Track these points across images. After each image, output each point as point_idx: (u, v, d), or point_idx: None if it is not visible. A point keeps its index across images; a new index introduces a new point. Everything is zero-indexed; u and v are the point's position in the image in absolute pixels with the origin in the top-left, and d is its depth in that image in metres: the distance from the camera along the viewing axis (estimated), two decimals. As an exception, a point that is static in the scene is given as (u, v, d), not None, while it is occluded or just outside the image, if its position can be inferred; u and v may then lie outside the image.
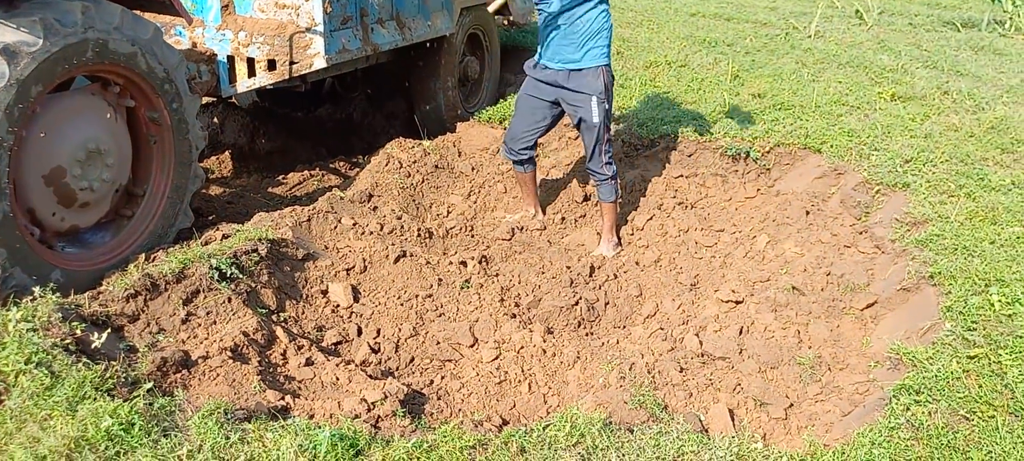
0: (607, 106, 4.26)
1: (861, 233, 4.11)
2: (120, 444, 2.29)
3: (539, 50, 4.34)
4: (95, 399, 2.47)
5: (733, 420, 2.78)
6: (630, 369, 3.10)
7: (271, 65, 4.45)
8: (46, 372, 2.57)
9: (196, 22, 4.51)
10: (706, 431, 2.72)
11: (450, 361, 3.49)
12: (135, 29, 3.40)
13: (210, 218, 4.55)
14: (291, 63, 4.42)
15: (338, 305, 3.79)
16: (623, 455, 2.39)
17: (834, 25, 8.48)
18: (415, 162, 5.06)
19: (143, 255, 3.58)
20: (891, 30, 8.33)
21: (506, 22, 6.84)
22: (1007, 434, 2.43)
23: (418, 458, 2.33)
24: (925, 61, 6.93)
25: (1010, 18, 8.54)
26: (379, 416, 2.74)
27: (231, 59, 4.51)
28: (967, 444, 2.41)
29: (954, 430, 2.48)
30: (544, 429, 2.49)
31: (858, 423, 2.67)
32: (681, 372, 3.11)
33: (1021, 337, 2.89)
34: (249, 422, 2.47)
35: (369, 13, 4.75)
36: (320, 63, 4.42)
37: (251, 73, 4.52)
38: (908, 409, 2.56)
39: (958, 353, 2.86)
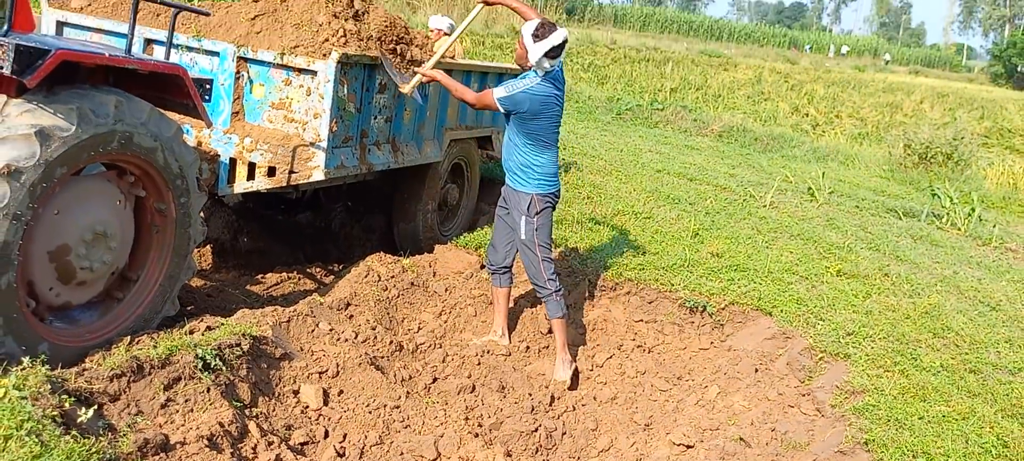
0: (536, 226, 4.69)
1: (804, 395, 4.43)
2: (107, 517, 2.39)
3: None
4: (82, 471, 2.58)
5: (680, 558, 2.97)
6: (587, 499, 3.29)
7: (271, 172, 4.72)
8: (36, 441, 2.67)
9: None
10: None
11: (414, 474, 3.63)
12: (159, 126, 3.67)
13: (189, 309, 4.68)
14: (291, 172, 4.69)
15: (308, 406, 3.93)
16: None
17: (788, 198, 9.11)
18: (392, 277, 5.29)
19: (127, 339, 3.70)
20: (839, 210, 8.98)
21: (487, 155, 7.26)
22: None
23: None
24: (869, 243, 7.49)
25: (947, 213, 9.27)
26: (349, 518, 2.86)
27: (233, 161, 4.77)
28: None
29: None
30: (508, 546, 2.65)
31: None
32: (634, 507, 3.31)
33: (942, 507, 3.16)
34: (229, 510, 2.59)
35: (369, 135, 5.09)
36: (318, 176, 4.70)
37: (250, 176, 4.78)
38: (840, 562, 2.79)
39: (887, 516, 3.12)
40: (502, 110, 4.57)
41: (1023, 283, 6.90)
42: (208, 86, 3.96)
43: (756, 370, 4.68)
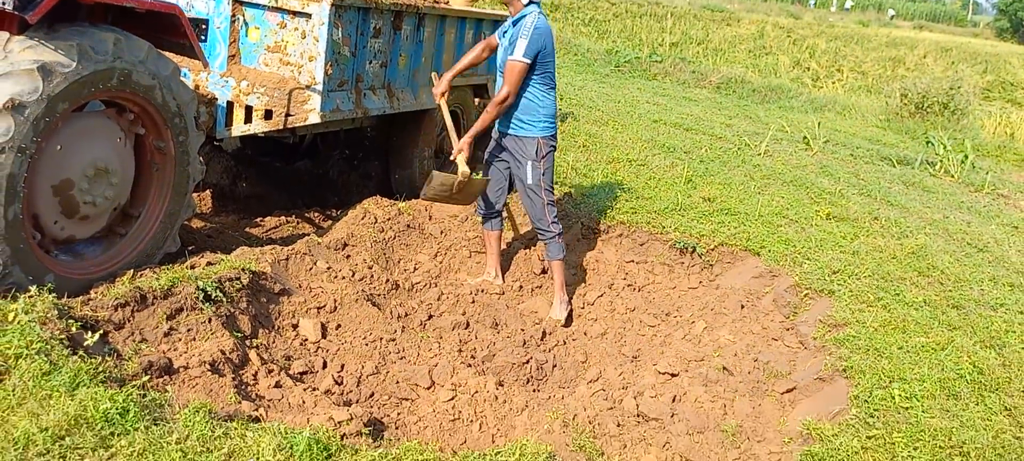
0: (542, 171, 4.76)
1: (788, 329, 4.56)
2: (116, 426, 2.54)
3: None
4: (90, 386, 2.72)
5: (660, 471, 3.13)
6: (573, 419, 3.44)
7: (267, 114, 4.80)
8: (45, 359, 2.81)
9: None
10: (636, 477, 3.05)
11: (408, 399, 3.78)
12: (157, 65, 3.75)
13: (190, 248, 4.80)
14: (287, 115, 4.77)
15: (306, 339, 4.07)
16: (562, 483, 2.71)
17: (783, 147, 9.19)
18: (389, 219, 5.41)
19: (131, 271, 3.83)
20: (833, 158, 9.06)
21: (483, 105, 7.33)
22: (891, 499, 2.82)
23: (382, 466, 2.62)
24: (861, 189, 7.59)
25: (940, 161, 9.35)
26: (345, 433, 3.01)
27: (230, 105, 4.85)
28: (856, 504, 2.79)
29: (847, 493, 2.86)
30: (495, 455, 2.80)
31: (768, 484, 3.03)
32: (618, 427, 3.46)
33: (912, 425, 3.31)
34: (230, 422, 2.74)
35: (364, 80, 5.17)
36: (314, 119, 4.79)
37: (247, 120, 4.87)
38: (811, 472, 2.94)
39: (859, 433, 3.27)
40: (529, 62, 4.59)
41: (1012, 226, 7.01)
42: (204, 26, 4.02)
43: (742, 306, 4.81)
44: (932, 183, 8.46)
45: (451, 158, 4.92)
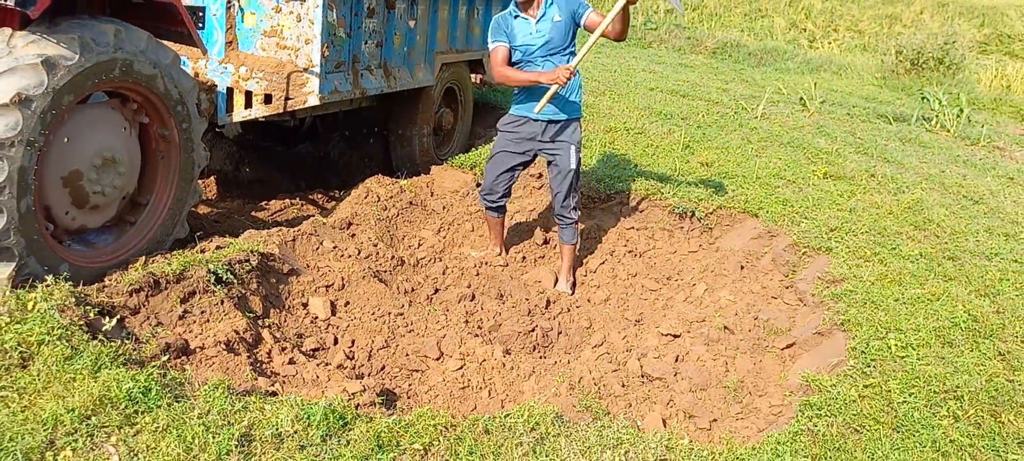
0: (580, 155, 4.76)
1: (787, 287, 4.65)
2: (139, 404, 2.64)
3: (517, 103, 4.79)
4: (112, 368, 2.82)
5: (665, 426, 3.23)
6: (579, 382, 3.54)
7: (267, 99, 4.87)
8: (66, 344, 2.91)
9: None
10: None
11: (418, 371, 3.88)
12: (157, 54, 3.82)
13: (199, 234, 4.89)
14: (286, 98, 4.84)
15: (317, 317, 4.17)
16: (571, 441, 2.81)
17: (779, 109, 9.23)
18: (391, 197, 5.49)
19: (143, 258, 3.92)
20: (830, 118, 9.11)
21: (479, 80, 7.37)
22: (888, 443, 2.92)
23: (397, 432, 2.72)
24: (857, 147, 7.65)
25: (936, 116, 9.40)
26: (359, 404, 3.11)
27: (230, 91, 4.92)
28: (855, 448, 2.89)
29: (846, 438, 2.96)
30: (504, 417, 2.90)
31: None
32: (623, 387, 3.56)
33: (908, 372, 3.41)
34: (249, 396, 2.84)
35: (360, 60, 5.22)
36: (313, 101, 4.85)
37: (247, 105, 4.94)
38: (811, 420, 3.05)
39: (856, 383, 3.37)
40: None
41: (1008, 178, 7.08)
42: (200, 13, 4.08)
43: (742, 267, 4.89)
44: (928, 138, 8.51)
45: (560, 83, 4.40)
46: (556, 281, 5.00)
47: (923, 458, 2.91)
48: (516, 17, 4.62)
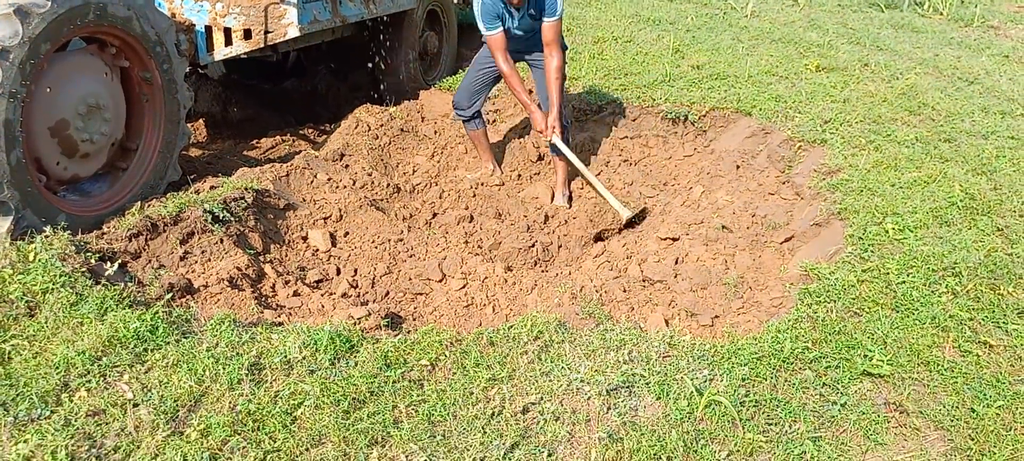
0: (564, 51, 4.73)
1: (784, 183, 4.65)
2: (148, 342, 2.67)
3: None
4: (118, 310, 2.84)
5: (667, 325, 3.27)
6: (581, 290, 3.58)
7: (247, 34, 4.79)
8: (71, 291, 2.93)
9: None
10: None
11: (422, 293, 3.91)
12: (130, -5, 3.73)
13: (192, 177, 4.87)
14: (266, 32, 4.76)
15: (317, 249, 4.18)
16: (575, 345, 2.86)
17: (770, 5, 9.07)
18: (382, 125, 5.45)
19: (138, 203, 3.92)
20: (822, 10, 8.96)
21: (463, 1, 7.24)
22: (887, 322, 2.97)
23: (403, 351, 2.77)
24: (850, 38, 7.54)
25: (928, 0, 9.24)
26: (365, 328, 3.15)
27: (209, 29, 4.83)
28: (855, 330, 2.94)
29: (845, 322, 3.01)
30: (508, 328, 2.94)
31: (772, 326, 3.18)
32: (624, 292, 3.60)
33: (906, 253, 3.43)
34: (255, 327, 2.87)
35: (339, -14, 5.12)
36: (293, 32, 4.77)
37: (227, 42, 4.85)
38: (810, 307, 3.09)
39: (855, 268, 3.40)
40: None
41: (1003, 56, 7.00)
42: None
43: (738, 167, 4.89)
44: (921, 23, 8.39)
45: (546, 138, 4.74)
46: (553, 196, 5.01)
47: (923, 334, 2.96)
48: (505, 6, 4.54)
